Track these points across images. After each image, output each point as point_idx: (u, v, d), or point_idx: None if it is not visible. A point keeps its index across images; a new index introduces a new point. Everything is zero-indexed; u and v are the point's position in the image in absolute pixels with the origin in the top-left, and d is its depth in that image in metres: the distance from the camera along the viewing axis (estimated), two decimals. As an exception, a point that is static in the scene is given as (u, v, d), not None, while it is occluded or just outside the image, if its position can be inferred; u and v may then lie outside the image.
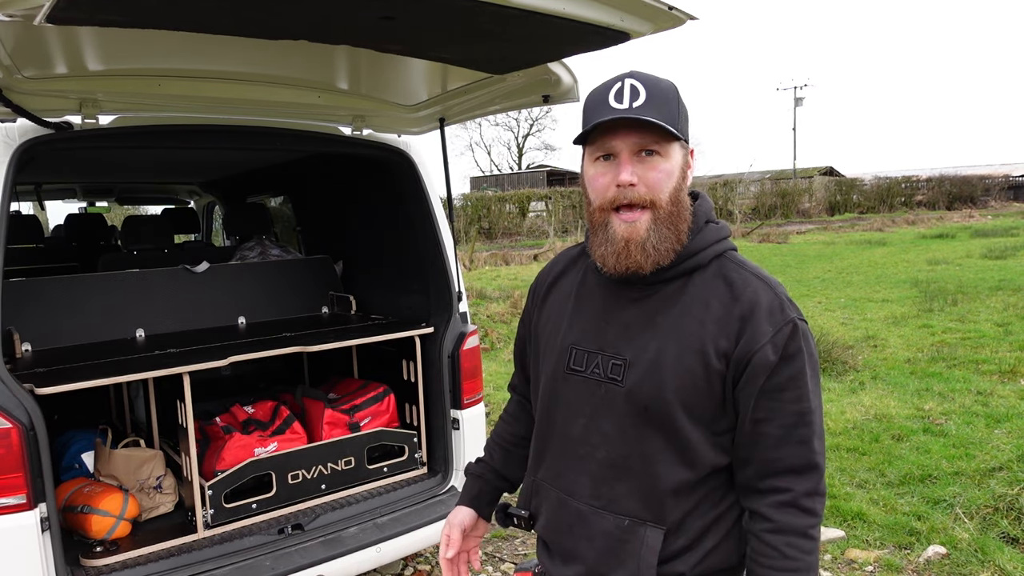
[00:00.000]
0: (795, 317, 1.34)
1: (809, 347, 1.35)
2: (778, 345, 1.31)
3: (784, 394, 1.31)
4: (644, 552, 1.36)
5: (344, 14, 1.83)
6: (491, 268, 17.93)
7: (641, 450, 1.37)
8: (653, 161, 1.32)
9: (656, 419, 1.35)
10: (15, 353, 2.99)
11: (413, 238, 3.46)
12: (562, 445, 1.47)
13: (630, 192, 1.31)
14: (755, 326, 1.31)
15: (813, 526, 1.30)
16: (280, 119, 3.09)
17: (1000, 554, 3.40)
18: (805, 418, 1.31)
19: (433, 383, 3.32)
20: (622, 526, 1.38)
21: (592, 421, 1.42)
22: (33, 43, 2.14)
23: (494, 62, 2.39)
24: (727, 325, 1.33)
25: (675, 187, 1.33)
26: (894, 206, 34.64)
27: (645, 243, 1.32)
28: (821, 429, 1.34)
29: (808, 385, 1.32)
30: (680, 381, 1.33)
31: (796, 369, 1.31)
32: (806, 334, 1.35)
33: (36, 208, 6.89)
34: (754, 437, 1.33)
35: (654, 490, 1.37)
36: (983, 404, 5.54)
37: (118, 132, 2.72)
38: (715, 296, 1.35)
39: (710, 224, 1.41)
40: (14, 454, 2.18)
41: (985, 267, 13.00)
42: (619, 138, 1.31)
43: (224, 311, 3.71)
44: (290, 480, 2.98)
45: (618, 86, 1.32)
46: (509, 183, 42.93)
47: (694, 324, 1.34)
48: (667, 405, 1.34)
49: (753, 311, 1.32)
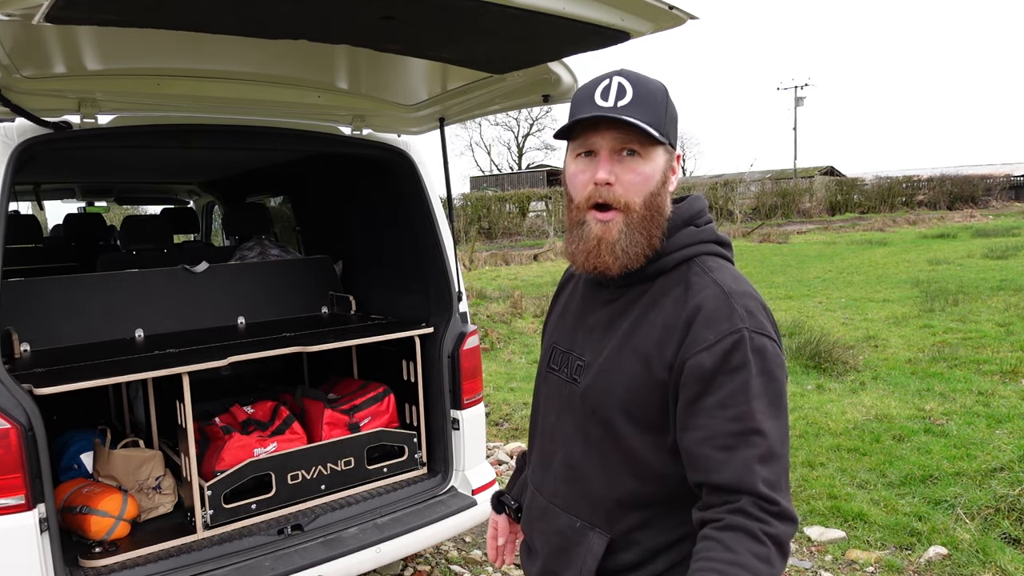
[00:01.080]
0: (745, 327, 1.21)
1: (764, 363, 1.21)
2: (716, 354, 1.20)
3: (723, 411, 1.18)
4: (587, 556, 1.34)
5: (344, 14, 1.83)
6: (491, 268, 17.94)
7: (591, 453, 1.36)
8: (632, 163, 1.29)
9: (603, 424, 1.33)
10: (14, 353, 2.99)
11: (413, 238, 3.45)
12: (540, 442, 1.50)
13: (605, 191, 1.29)
14: (694, 333, 1.23)
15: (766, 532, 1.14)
16: (280, 119, 3.08)
17: (1001, 555, 3.40)
18: (747, 439, 1.17)
19: (433, 383, 3.32)
20: (574, 527, 1.38)
21: (559, 420, 1.43)
22: (32, 42, 2.13)
23: (494, 62, 2.39)
24: (673, 331, 1.26)
25: (652, 191, 1.30)
26: (895, 206, 34.63)
27: (615, 245, 1.29)
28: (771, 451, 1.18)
29: (753, 403, 1.18)
30: (625, 387, 1.29)
31: (738, 384, 1.18)
32: (762, 349, 1.21)
33: (35, 208, 6.89)
34: (693, 460, 1.22)
35: (601, 496, 1.34)
36: (984, 404, 5.53)
37: (117, 132, 2.72)
38: (672, 300, 1.30)
39: (688, 228, 1.36)
40: (13, 454, 2.18)
41: (986, 267, 12.99)
42: (600, 135, 1.29)
43: (224, 311, 3.71)
44: (290, 480, 2.97)
45: (605, 83, 1.29)
46: (509, 183, 42.97)
47: (646, 328, 1.30)
48: (611, 411, 1.31)
49: (696, 315, 1.25)
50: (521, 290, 11.91)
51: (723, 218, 30.89)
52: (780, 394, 1.22)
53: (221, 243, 6.28)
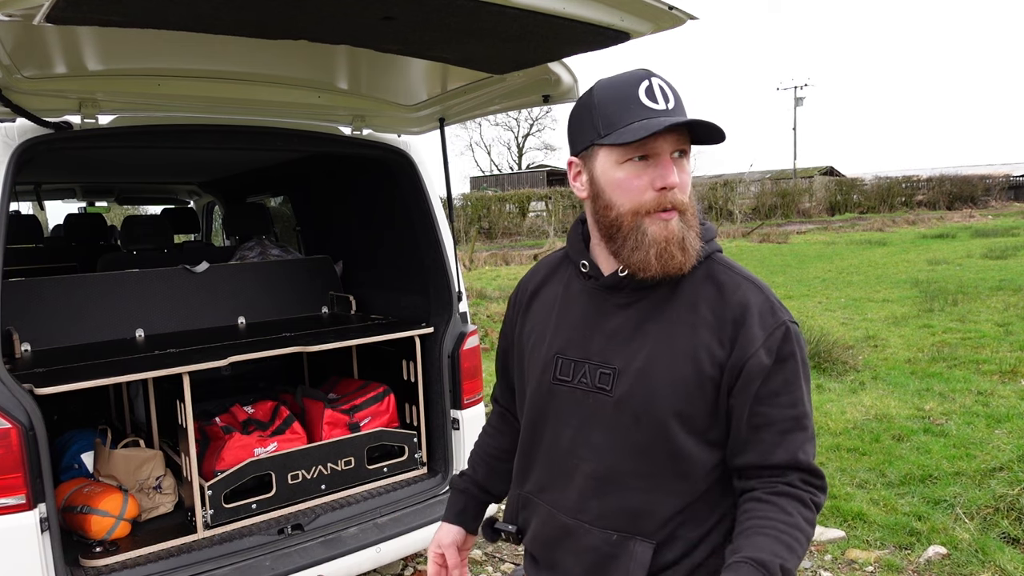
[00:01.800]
0: (787, 320, 1.30)
1: (801, 350, 1.31)
2: (771, 349, 1.27)
3: (779, 399, 1.28)
4: (633, 567, 1.32)
5: (344, 14, 1.83)
6: (491, 268, 17.94)
7: (632, 462, 1.33)
8: (683, 163, 1.29)
9: (648, 430, 1.31)
10: (14, 353, 2.99)
11: (413, 238, 3.45)
12: (548, 458, 1.43)
13: (672, 196, 1.27)
14: (748, 331, 1.27)
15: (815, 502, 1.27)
16: (280, 119, 3.09)
17: (1000, 554, 3.40)
18: (801, 422, 1.28)
19: (433, 383, 3.32)
20: (610, 541, 1.34)
21: (579, 433, 1.37)
22: (32, 43, 2.13)
23: (494, 62, 2.39)
24: (719, 330, 1.29)
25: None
26: (894, 206, 34.64)
27: (683, 241, 1.28)
28: (813, 433, 1.32)
29: (802, 388, 1.30)
30: (673, 390, 1.29)
31: (790, 373, 1.28)
32: (798, 337, 1.31)
33: (35, 208, 6.89)
34: (750, 444, 1.29)
35: (646, 503, 1.32)
36: (984, 404, 5.53)
37: (118, 132, 2.72)
38: (704, 300, 1.31)
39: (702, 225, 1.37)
40: (13, 454, 2.18)
41: (986, 267, 12.99)
42: (664, 139, 1.26)
43: (224, 311, 3.71)
44: (290, 480, 2.98)
45: (646, 84, 1.27)
46: (509, 183, 42.94)
47: (685, 330, 1.30)
48: (660, 414, 1.30)
49: (744, 315, 1.28)
50: (521, 290, 11.88)
51: (723, 218, 30.90)
52: (809, 374, 1.34)
53: (221, 243, 6.28)
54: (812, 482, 1.28)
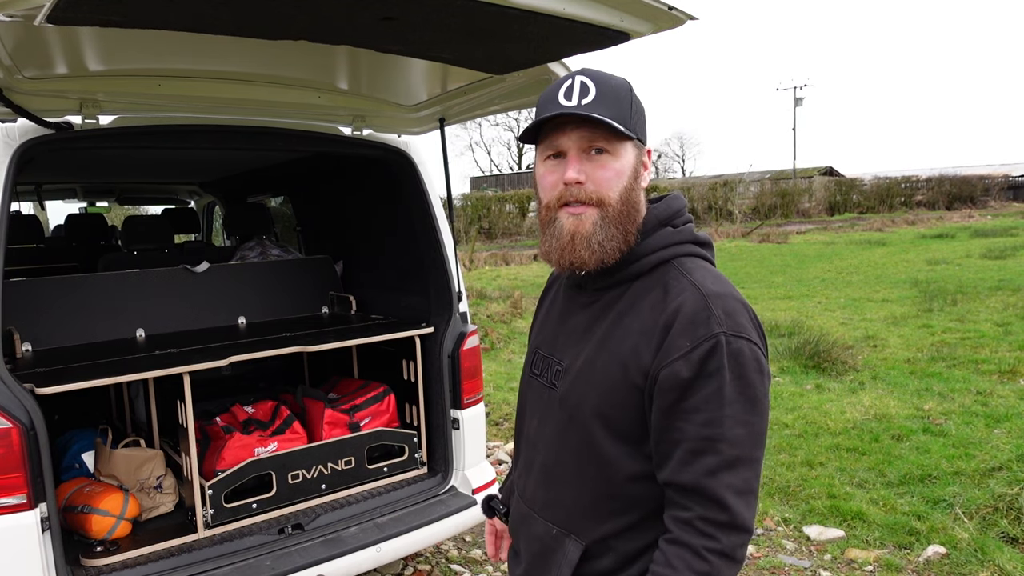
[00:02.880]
0: (721, 332, 1.20)
1: (740, 368, 1.20)
2: (693, 361, 1.19)
3: (695, 415, 1.19)
4: (563, 564, 1.33)
5: (344, 14, 1.83)
6: (491, 268, 17.94)
7: (567, 459, 1.35)
8: (602, 159, 1.28)
9: (578, 429, 1.32)
10: (15, 353, 2.99)
11: (413, 238, 3.46)
12: (524, 447, 1.50)
13: (576, 190, 1.28)
14: (672, 339, 1.22)
15: (710, 549, 1.19)
16: (280, 119, 3.09)
17: (1000, 554, 3.40)
18: (714, 445, 1.18)
19: (433, 383, 3.32)
20: (551, 534, 1.38)
21: (541, 425, 1.42)
22: (33, 43, 2.14)
23: (494, 62, 2.39)
24: (651, 337, 1.25)
25: (626, 186, 1.29)
26: (894, 206, 34.63)
27: (591, 238, 1.28)
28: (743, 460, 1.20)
29: (725, 410, 1.18)
30: (602, 394, 1.29)
31: (713, 389, 1.19)
32: (738, 353, 1.20)
33: (36, 208, 6.89)
34: (663, 460, 1.24)
35: (576, 503, 1.34)
36: (983, 404, 5.54)
37: (118, 132, 2.72)
38: (649, 304, 1.28)
39: (665, 229, 1.35)
40: (14, 454, 2.18)
41: (985, 267, 13.00)
42: (567, 135, 1.28)
43: (224, 311, 3.71)
44: (290, 480, 2.98)
45: (568, 83, 1.28)
46: (509, 183, 42.97)
47: (622, 334, 1.29)
48: (586, 417, 1.30)
49: (674, 322, 1.23)
50: (521, 290, 11.91)
51: (723, 218, 30.90)
52: (755, 399, 1.21)
53: (222, 243, 6.29)
54: (713, 519, 1.19)
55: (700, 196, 31.88)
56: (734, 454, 1.20)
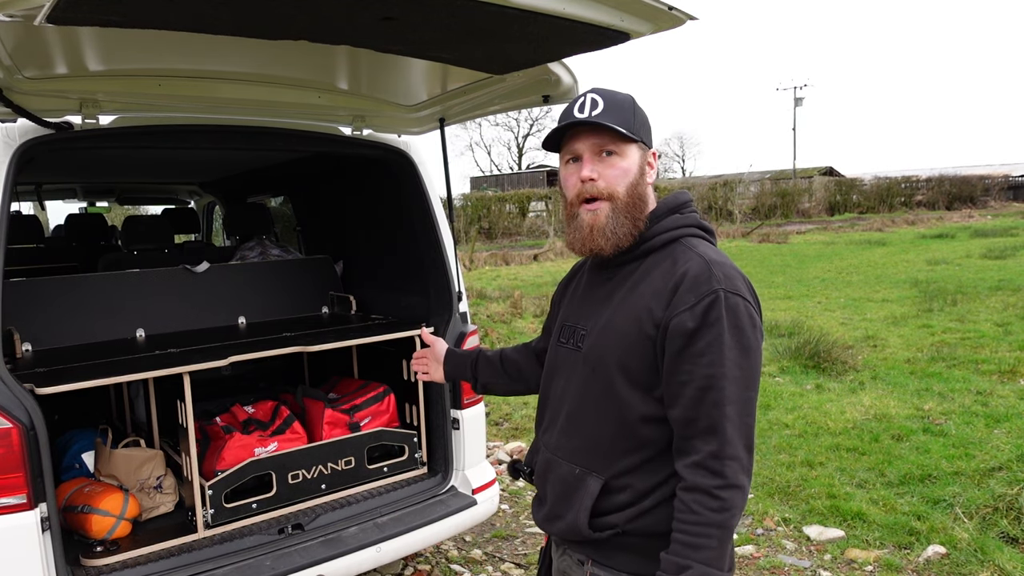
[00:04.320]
0: (720, 288, 1.44)
1: (736, 319, 1.43)
2: (697, 313, 1.43)
3: (701, 359, 1.42)
4: (585, 498, 1.55)
5: (344, 14, 1.83)
6: (491, 268, 17.95)
7: (589, 407, 1.58)
8: (611, 160, 1.55)
9: (600, 379, 1.55)
10: (15, 353, 2.99)
11: (413, 238, 3.46)
12: (550, 405, 1.71)
13: (590, 186, 1.55)
14: (681, 295, 1.46)
15: (719, 486, 1.40)
16: (280, 119, 3.09)
17: (1000, 554, 3.40)
18: (717, 383, 1.41)
19: (433, 383, 3.32)
20: (573, 473, 1.59)
21: (567, 383, 1.65)
22: (33, 43, 2.14)
23: (494, 62, 2.39)
24: (662, 295, 1.49)
25: (632, 182, 1.55)
26: (894, 206, 34.63)
27: (605, 228, 1.54)
28: (739, 398, 1.42)
29: (725, 353, 1.42)
30: (619, 346, 1.52)
31: (714, 336, 1.42)
32: (734, 307, 1.44)
33: (36, 208, 6.89)
34: (674, 400, 1.46)
35: (597, 444, 1.56)
36: (983, 404, 5.54)
37: (118, 132, 2.72)
38: (659, 271, 1.53)
39: (674, 215, 1.60)
40: (14, 454, 2.18)
41: (985, 267, 13.00)
42: (581, 141, 1.56)
43: (224, 311, 3.71)
44: (290, 480, 2.98)
45: (581, 100, 1.56)
46: (509, 183, 42.96)
47: (637, 296, 1.53)
48: (607, 367, 1.54)
49: (682, 281, 1.47)
50: (521, 290, 11.91)
51: (723, 218, 30.90)
52: (748, 347, 1.45)
53: (222, 243, 6.29)
54: (718, 453, 1.40)
55: (700, 196, 31.86)
56: (731, 391, 1.42)
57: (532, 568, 3.65)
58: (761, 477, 4.43)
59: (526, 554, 3.78)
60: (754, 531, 3.90)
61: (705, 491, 1.40)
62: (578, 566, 1.63)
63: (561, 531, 1.62)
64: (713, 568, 1.40)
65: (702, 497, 1.40)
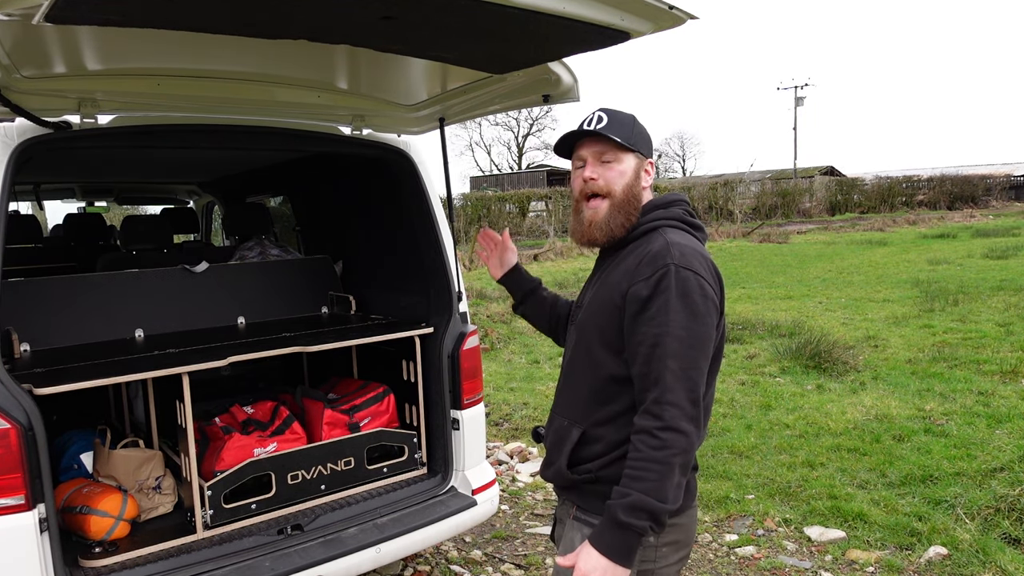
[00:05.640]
0: (672, 263, 1.69)
1: (684, 287, 1.67)
2: (651, 283, 1.69)
3: (652, 321, 1.67)
4: (567, 444, 1.84)
5: (344, 14, 1.82)
6: (491, 268, 17.86)
7: (576, 366, 1.89)
8: (610, 165, 1.85)
9: (583, 343, 1.87)
10: (14, 353, 2.99)
11: (413, 238, 3.45)
12: (561, 376, 2.00)
13: (592, 185, 1.86)
14: (641, 268, 1.74)
15: (659, 428, 1.62)
16: (280, 119, 3.08)
17: (1001, 555, 3.39)
18: (663, 340, 1.65)
19: (433, 383, 3.32)
20: (563, 425, 1.88)
21: (569, 351, 1.97)
22: (32, 42, 2.13)
23: (494, 62, 2.39)
24: (632, 272, 1.76)
25: (628, 183, 1.84)
26: (895, 206, 34.63)
27: (601, 223, 1.85)
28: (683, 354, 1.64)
29: (671, 316, 1.66)
30: (598, 315, 1.83)
31: (663, 301, 1.67)
32: (684, 279, 1.68)
33: (35, 208, 6.88)
34: (632, 359, 1.72)
35: (580, 398, 1.86)
36: (984, 404, 5.53)
37: (117, 132, 2.72)
38: (634, 253, 1.81)
39: (658, 210, 1.86)
40: (12, 454, 2.18)
41: (986, 267, 12.99)
42: (586, 148, 1.88)
43: (224, 311, 3.71)
44: (290, 480, 2.97)
45: (590, 116, 1.87)
46: (509, 183, 42.93)
47: (616, 275, 1.82)
48: (589, 333, 1.86)
49: (644, 257, 1.75)
50: (521, 290, 11.87)
51: (723, 218, 30.89)
52: (695, 312, 1.67)
53: (221, 243, 6.28)
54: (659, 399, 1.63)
55: (700, 196, 31.86)
56: (675, 347, 1.65)
57: (532, 569, 3.64)
58: (762, 477, 4.42)
59: (526, 555, 3.77)
60: (755, 532, 3.89)
61: (647, 431, 1.64)
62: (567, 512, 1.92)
63: (551, 476, 1.91)
64: (650, 497, 1.60)
65: (644, 437, 1.64)
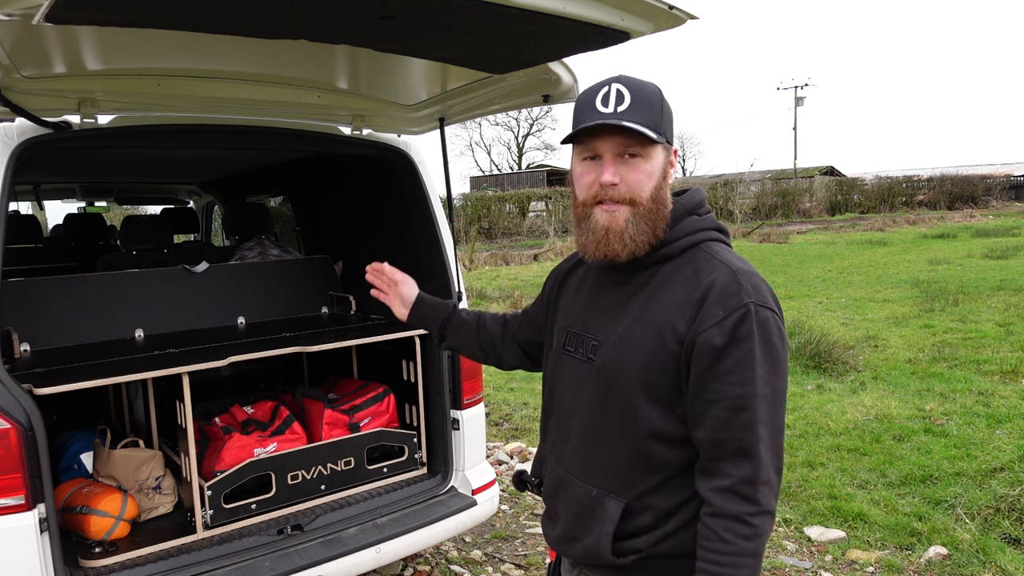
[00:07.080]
0: (750, 302, 1.35)
1: (766, 334, 1.35)
2: (725, 328, 1.34)
3: (730, 377, 1.33)
4: (605, 522, 1.45)
5: (344, 14, 1.82)
6: (491, 268, 17.95)
7: (605, 425, 1.48)
8: (635, 163, 1.41)
9: (619, 396, 1.45)
10: (14, 353, 2.99)
11: (413, 238, 3.45)
12: (558, 417, 1.61)
13: (611, 191, 1.41)
14: (707, 308, 1.36)
15: (752, 513, 1.32)
16: (280, 119, 3.08)
17: (1001, 555, 3.39)
18: (749, 402, 1.33)
19: (433, 383, 3.32)
20: (590, 495, 1.49)
21: (577, 396, 1.54)
22: (32, 42, 2.13)
23: (494, 62, 2.38)
24: (686, 308, 1.39)
25: (655, 186, 1.43)
26: (895, 206, 34.62)
27: (623, 233, 1.41)
28: (771, 418, 1.34)
29: (756, 370, 1.33)
30: (640, 361, 1.42)
31: (744, 352, 1.33)
32: (764, 321, 1.35)
33: (35, 208, 6.89)
34: (700, 420, 1.37)
35: (615, 464, 1.46)
36: (984, 404, 5.53)
37: (117, 132, 2.71)
38: (680, 281, 1.43)
39: (692, 217, 1.49)
40: (13, 455, 2.17)
41: (986, 267, 12.99)
42: (603, 140, 1.41)
43: (223, 311, 3.71)
44: (290, 480, 2.97)
45: (604, 90, 1.41)
46: (509, 183, 42.92)
47: (658, 307, 1.43)
48: (627, 383, 1.43)
49: (708, 293, 1.37)
50: (521, 290, 11.91)
51: (723, 218, 30.89)
52: (778, 362, 1.37)
53: (221, 243, 6.27)
54: (750, 479, 1.32)
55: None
56: (763, 410, 1.33)
57: (532, 569, 3.64)
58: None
59: (526, 555, 3.77)
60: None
61: (736, 518, 1.32)
62: None
63: (579, 555, 1.54)
64: None
65: (734, 524, 1.32)
